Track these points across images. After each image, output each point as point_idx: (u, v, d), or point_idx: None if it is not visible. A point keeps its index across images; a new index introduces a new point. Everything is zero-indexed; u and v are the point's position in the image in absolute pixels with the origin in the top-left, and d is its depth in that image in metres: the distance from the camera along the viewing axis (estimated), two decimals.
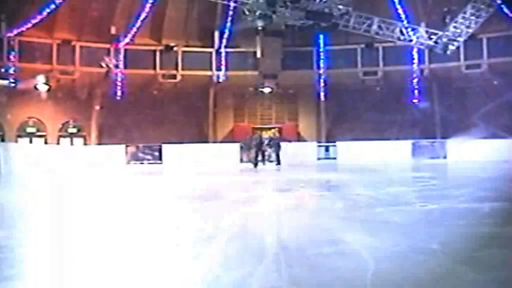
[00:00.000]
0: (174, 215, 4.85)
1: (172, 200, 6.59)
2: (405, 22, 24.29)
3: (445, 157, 21.28)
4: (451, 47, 23.29)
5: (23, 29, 23.21)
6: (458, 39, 22.99)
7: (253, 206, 5.42)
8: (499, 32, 23.61)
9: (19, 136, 24.55)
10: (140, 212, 5.07)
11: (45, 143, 24.62)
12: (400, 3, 24.90)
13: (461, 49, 24.21)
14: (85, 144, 25.52)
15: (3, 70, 22.71)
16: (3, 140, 22.23)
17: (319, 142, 24.86)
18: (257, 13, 21.50)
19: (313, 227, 3.82)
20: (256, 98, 27.92)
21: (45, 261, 2.77)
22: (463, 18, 22.34)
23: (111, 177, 13.29)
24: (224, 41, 26.64)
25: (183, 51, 26.54)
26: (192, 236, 3.47)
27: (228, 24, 26.26)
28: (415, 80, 25.97)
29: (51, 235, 3.68)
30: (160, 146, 22.30)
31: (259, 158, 18.23)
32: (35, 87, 23.67)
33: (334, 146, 23.07)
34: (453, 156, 20.76)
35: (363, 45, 26.02)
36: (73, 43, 24.72)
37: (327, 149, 23.57)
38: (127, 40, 25.56)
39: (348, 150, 21.87)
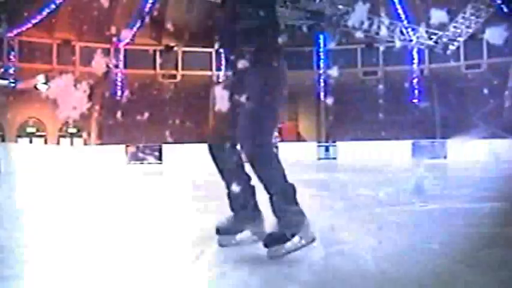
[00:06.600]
0: (177, 214, 4.84)
1: (173, 200, 6.58)
2: (405, 22, 24.31)
3: (445, 157, 21.29)
4: (451, 47, 23.34)
5: (23, 29, 23.21)
6: (458, 39, 23.02)
7: None
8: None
9: (19, 136, 24.55)
10: (141, 212, 5.06)
11: (45, 143, 24.62)
12: (400, 3, 24.90)
13: (461, 49, 24.23)
14: (85, 144, 25.52)
15: (3, 70, 22.71)
16: (3, 140, 22.23)
17: (319, 142, 24.87)
18: None
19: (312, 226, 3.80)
20: None
21: (44, 261, 2.76)
22: (463, 18, 22.37)
23: (111, 178, 13.28)
24: None
25: (183, 51, 26.55)
26: (195, 235, 3.47)
27: None
28: (415, 80, 25.97)
29: (50, 235, 3.68)
30: (160, 146, 22.32)
31: None
32: (35, 87, 23.65)
33: (334, 146, 23.11)
34: (453, 156, 20.77)
35: (363, 45, 26.02)
36: (73, 43, 24.72)
37: (327, 149, 23.60)
38: (127, 40, 25.56)
39: (348, 150, 21.89)
